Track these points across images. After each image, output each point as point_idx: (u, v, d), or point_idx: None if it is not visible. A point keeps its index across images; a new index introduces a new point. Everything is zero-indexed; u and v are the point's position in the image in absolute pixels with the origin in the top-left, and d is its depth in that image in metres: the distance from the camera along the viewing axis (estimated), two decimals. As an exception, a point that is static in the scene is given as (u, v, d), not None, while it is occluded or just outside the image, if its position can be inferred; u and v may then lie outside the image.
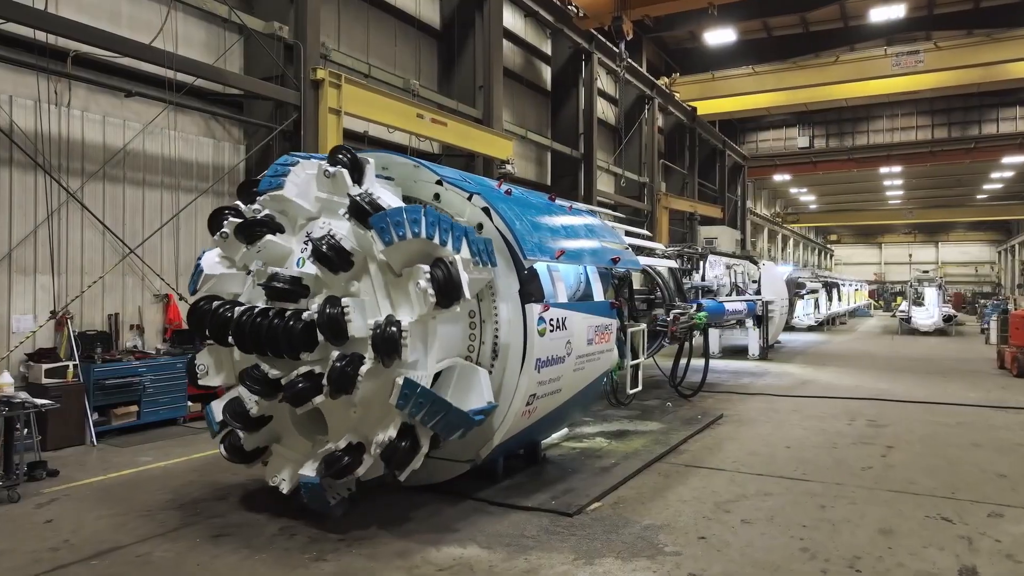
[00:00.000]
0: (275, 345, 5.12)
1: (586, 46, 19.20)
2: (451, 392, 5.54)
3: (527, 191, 7.26)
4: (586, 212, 8.05)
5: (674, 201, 25.33)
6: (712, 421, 9.55)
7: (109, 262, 8.93)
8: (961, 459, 7.65)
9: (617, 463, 7.21)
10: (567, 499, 6.00)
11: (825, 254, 69.85)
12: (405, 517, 5.63)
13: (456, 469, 6.05)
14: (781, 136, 37.62)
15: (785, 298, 16.45)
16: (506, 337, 5.75)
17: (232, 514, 5.72)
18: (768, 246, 45.47)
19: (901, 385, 13.22)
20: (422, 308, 4.93)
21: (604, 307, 6.86)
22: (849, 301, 37.69)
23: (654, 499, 6.17)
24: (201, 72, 9.24)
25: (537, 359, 5.68)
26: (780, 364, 16.60)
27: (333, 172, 5.31)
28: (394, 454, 5.05)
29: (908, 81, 24.90)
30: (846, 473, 7.06)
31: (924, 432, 9.06)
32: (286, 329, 5.06)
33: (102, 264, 8.87)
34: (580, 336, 6.33)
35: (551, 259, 6.02)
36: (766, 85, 25.99)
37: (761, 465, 7.34)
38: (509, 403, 5.70)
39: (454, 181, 5.74)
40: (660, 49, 28.13)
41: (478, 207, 5.87)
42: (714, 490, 6.45)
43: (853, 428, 9.31)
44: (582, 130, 19.62)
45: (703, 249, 14.11)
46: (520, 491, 6.22)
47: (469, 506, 5.90)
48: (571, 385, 6.39)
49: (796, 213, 51.90)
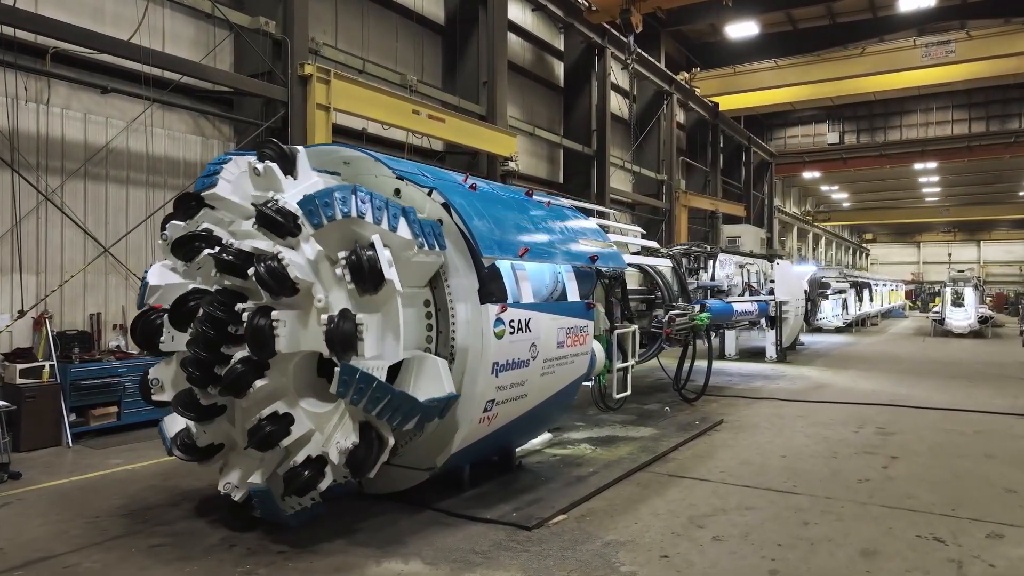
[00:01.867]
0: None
1: (598, 41, 18.79)
2: (412, 385, 5.25)
3: (501, 186, 6.95)
4: (570, 209, 7.70)
5: (694, 199, 24.74)
6: (709, 427, 9.12)
7: (90, 261, 8.85)
8: (970, 472, 7.13)
9: (596, 472, 6.85)
10: (530, 511, 5.67)
11: (860, 253, 68.13)
12: (356, 527, 5.36)
13: (416, 477, 5.77)
14: (810, 132, 36.66)
15: (801, 298, 15.83)
16: (464, 339, 5.44)
17: (180, 522, 5.51)
18: (798, 245, 44.39)
19: (922, 390, 12.58)
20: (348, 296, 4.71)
21: (578, 308, 6.50)
22: (882, 301, 36.58)
23: (625, 512, 5.81)
24: (181, 68, 9.12)
25: (494, 363, 5.36)
26: (798, 367, 15.99)
27: (262, 169, 5.05)
28: (356, 458, 4.76)
29: (939, 73, 23.93)
30: (840, 486, 6.60)
31: (935, 441, 8.51)
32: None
33: (83, 263, 8.79)
34: (548, 338, 5.99)
35: (514, 257, 5.70)
36: (789, 79, 25.21)
37: (750, 476, 6.92)
38: (467, 409, 5.39)
39: (409, 175, 5.45)
40: (681, 44, 27.53)
41: (438, 203, 5.58)
42: (692, 503, 6.06)
43: (859, 436, 8.80)
44: (595, 126, 19.20)
45: (712, 248, 13.62)
46: (484, 501, 5.92)
47: (427, 517, 5.61)
48: (539, 390, 6.06)
49: (828, 211, 50.61)
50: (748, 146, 32.41)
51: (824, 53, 24.44)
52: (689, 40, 27.96)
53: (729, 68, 25.95)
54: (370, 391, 4.57)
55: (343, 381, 4.54)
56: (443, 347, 5.49)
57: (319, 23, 12.26)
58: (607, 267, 7.37)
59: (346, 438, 4.67)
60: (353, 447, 4.71)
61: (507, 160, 14.08)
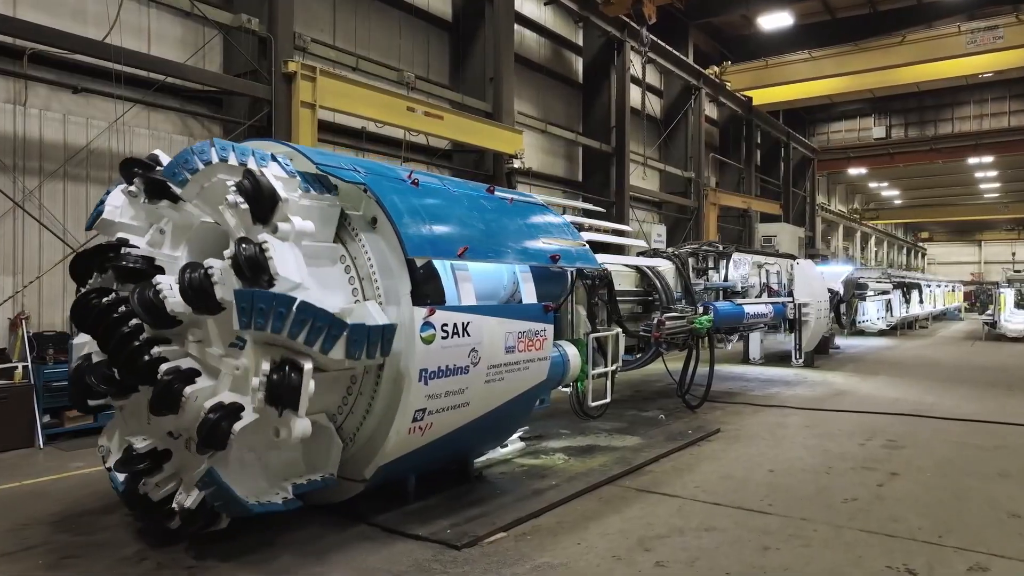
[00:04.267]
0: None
1: (617, 35, 18.26)
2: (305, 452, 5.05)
3: (457, 182, 6.60)
4: (543, 207, 7.29)
5: (724, 197, 23.92)
6: (701, 437, 8.59)
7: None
8: (974, 492, 6.46)
9: (557, 485, 6.44)
10: (468, 527, 5.30)
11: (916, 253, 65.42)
12: (279, 541, 5.08)
13: (352, 488, 5.46)
14: (854, 127, 35.21)
15: (824, 300, 14.98)
16: (394, 345, 5.11)
17: (104, 531, 5.33)
18: (844, 244, 42.72)
19: (951, 399, 11.72)
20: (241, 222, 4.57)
21: (533, 311, 6.11)
22: (935, 303, 34.87)
23: (573, 530, 5.39)
24: (160, 68, 9.05)
25: (423, 369, 5.02)
26: (823, 372, 15.19)
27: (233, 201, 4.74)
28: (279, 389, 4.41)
29: (987, 60, 22.51)
30: (821, 506, 6.04)
31: (946, 456, 7.81)
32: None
33: (62, 264, 8.78)
34: (494, 343, 5.61)
35: (451, 257, 5.34)
36: (825, 71, 24.08)
37: (726, 492, 6.40)
38: (392, 419, 5.07)
39: (332, 169, 5.14)
40: (712, 37, 26.68)
41: (372, 199, 5.27)
42: (650, 522, 5.60)
43: (864, 449, 8.14)
44: (614, 123, 18.67)
45: (726, 247, 12.98)
46: (424, 515, 5.58)
47: (358, 531, 5.31)
48: (484, 398, 5.68)
49: (876, 209, 48.58)
50: (787, 142, 31.28)
51: (862, 43, 23.26)
52: (722, 33, 27.08)
53: (761, 61, 24.96)
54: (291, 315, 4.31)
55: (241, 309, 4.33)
56: (373, 354, 5.18)
57: (316, 22, 12.14)
58: (574, 267, 6.95)
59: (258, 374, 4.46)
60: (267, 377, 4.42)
61: (512, 158, 13.71)
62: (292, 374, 4.41)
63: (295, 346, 4.45)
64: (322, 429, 5.04)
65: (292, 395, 4.40)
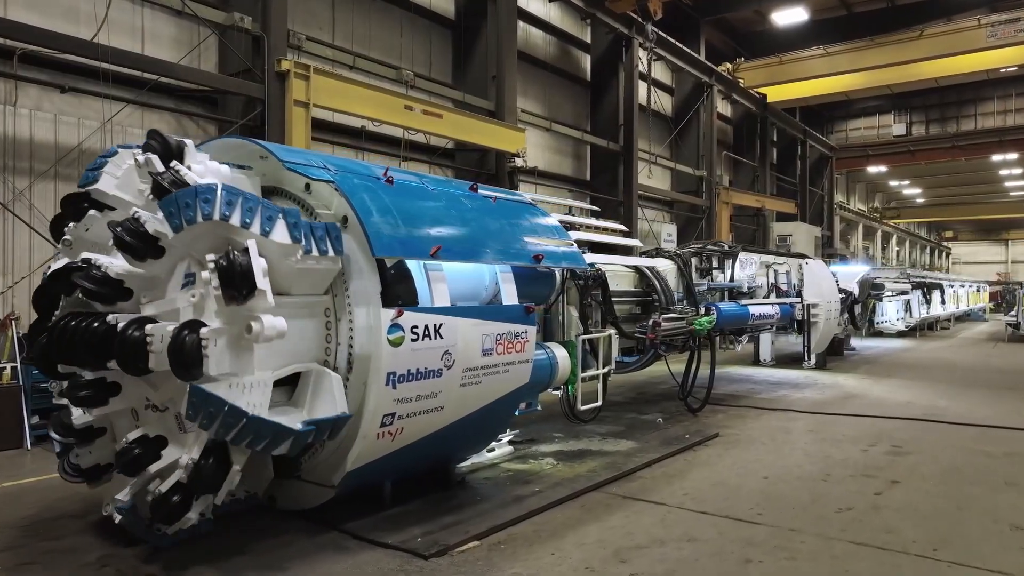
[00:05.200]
0: None
1: (625, 31, 18.01)
2: (308, 401, 4.83)
3: (437, 180, 6.44)
4: (528, 204, 7.11)
5: (736, 196, 23.54)
6: (698, 442, 8.35)
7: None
8: (977, 502, 6.17)
9: (541, 491, 6.26)
10: (440, 536, 5.14)
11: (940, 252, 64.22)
12: (246, 549, 4.96)
13: (324, 494, 5.33)
14: (874, 124, 34.52)
15: (834, 301, 14.62)
16: (363, 347, 4.97)
17: (72, 536, 5.24)
18: (864, 244, 41.97)
19: (964, 403, 11.35)
20: (213, 305, 4.23)
21: (513, 312, 5.93)
22: (958, 304, 34.11)
23: (549, 540, 5.21)
24: (152, 67, 9.00)
25: (390, 373, 4.86)
26: (835, 375, 14.82)
27: (143, 160, 4.72)
28: (199, 476, 4.38)
29: (1009, 54, 21.87)
30: (813, 516, 5.79)
31: (952, 463, 7.51)
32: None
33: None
34: (469, 346, 5.44)
35: (423, 257, 5.19)
36: (840, 66, 23.58)
37: (715, 500, 6.18)
38: (358, 424, 4.92)
39: (299, 167, 5.01)
40: (726, 33, 26.28)
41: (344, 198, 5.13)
42: (630, 531, 5.40)
43: (866, 455, 7.86)
44: (622, 121, 18.42)
45: (731, 246, 12.70)
46: (399, 522, 5.43)
47: (328, 539, 5.16)
48: (460, 402, 5.52)
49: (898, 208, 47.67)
50: (804, 140, 30.78)
51: (878, 38, 22.74)
52: (735, 30, 26.67)
53: (775, 57, 24.51)
54: (222, 416, 4.13)
55: (191, 404, 4.13)
56: (342, 356, 5.04)
57: (315, 20, 12.07)
58: (560, 267, 6.77)
59: (188, 453, 4.28)
60: (193, 464, 4.29)
61: (514, 156, 13.53)
62: (241, 258, 4.18)
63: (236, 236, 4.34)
64: (317, 374, 4.85)
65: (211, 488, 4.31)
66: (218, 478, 4.41)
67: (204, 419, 4.13)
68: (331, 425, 4.71)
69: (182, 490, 4.43)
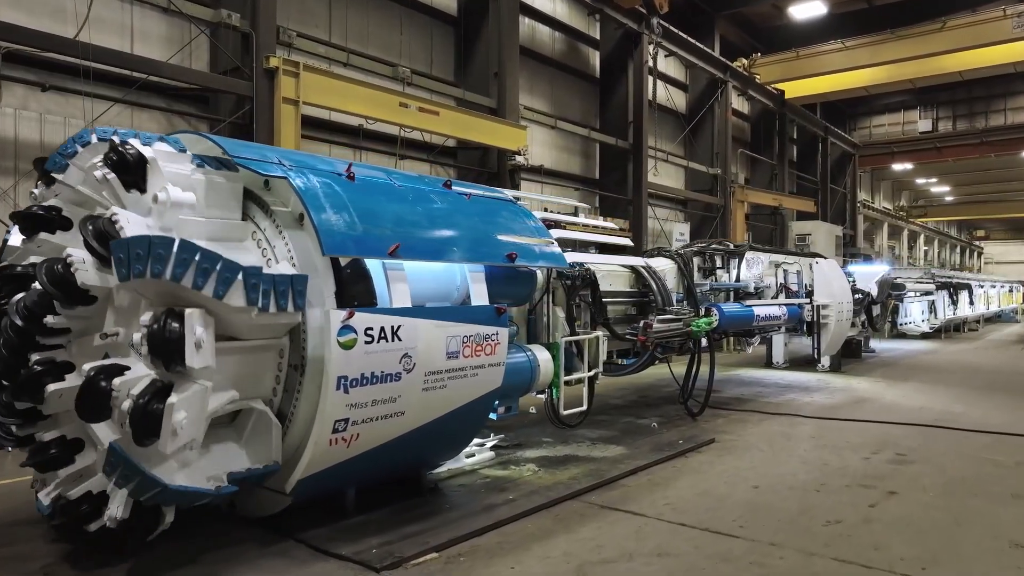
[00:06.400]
0: None
1: (634, 27, 17.67)
2: (243, 441, 4.73)
3: (407, 175, 6.21)
4: (507, 202, 6.87)
5: (752, 194, 23.03)
6: (691, 448, 8.03)
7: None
8: (978, 516, 5.79)
9: (515, 500, 6.01)
10: (397, 547, 4.92)
11: (971, 252, 62.63)
12: (196, 558, 4.78)
13: (282, 501, 5.14)
14: (898, 120, 33.69)
15: (847, 301, 14.12)
16: (316, 350, 4.77)
17: (24, 543, 5.10)
18: (890, 243, 40.97)
19: (981, 408, 10.86)
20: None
21: (482, 313, 5.68)
22: (987, 304, 33.13)
23: (512, 552, 4.96)
24: (135, 65, 8.93)
25: (342, 377, 4.65)
26: (849, 378, 14.34)
27: (99, 177, 4.48)
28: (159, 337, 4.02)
29: (1038, 45, 21.09)
30: (798, 529, 5.47)
31: (958, 473, 7.11)
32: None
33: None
34: (431, 348, 5.21)
35: (380, 256, 4.97)
36: (859, 60, 22.92)
37: (697, 511, 5.88)
38: (307, 431, 4.72)
39: (248, 162, 4.81)
40: (742, 28, 25.74)
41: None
42: (601, 544, 5.13)
43: (867, 464, 7.49)
44: (631, 118, 18.08)
45: (737, 245, 12.33)
46: (359, 531, 5.21)
47: (281, 548, 4.97)
48: (423, 408, 5.29)
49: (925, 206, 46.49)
50: (824, 137, 30.09)
51: (898, 30, 22.07)
52: (752, 24, 26.12)
53: (791, 52, 23.92)
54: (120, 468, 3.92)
55: (108, 463, 3.96)
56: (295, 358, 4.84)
57: (312, 18, 11.95)
58: (536, 266, 6.52)
59: (118, 508, 4.12)
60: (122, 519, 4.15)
61: (515, 154, 13.28)
62: (171, 322, 3.97)
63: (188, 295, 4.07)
64: (259, 414, 4.70)
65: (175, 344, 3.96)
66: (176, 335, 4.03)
67: (120, 479, 3.97)
68: (259, 477, 4.53)
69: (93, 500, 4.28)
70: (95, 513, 4.27)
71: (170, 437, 3.94)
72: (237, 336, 4.45)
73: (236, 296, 4.15)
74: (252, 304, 4.20)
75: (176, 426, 3.93)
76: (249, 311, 4.22)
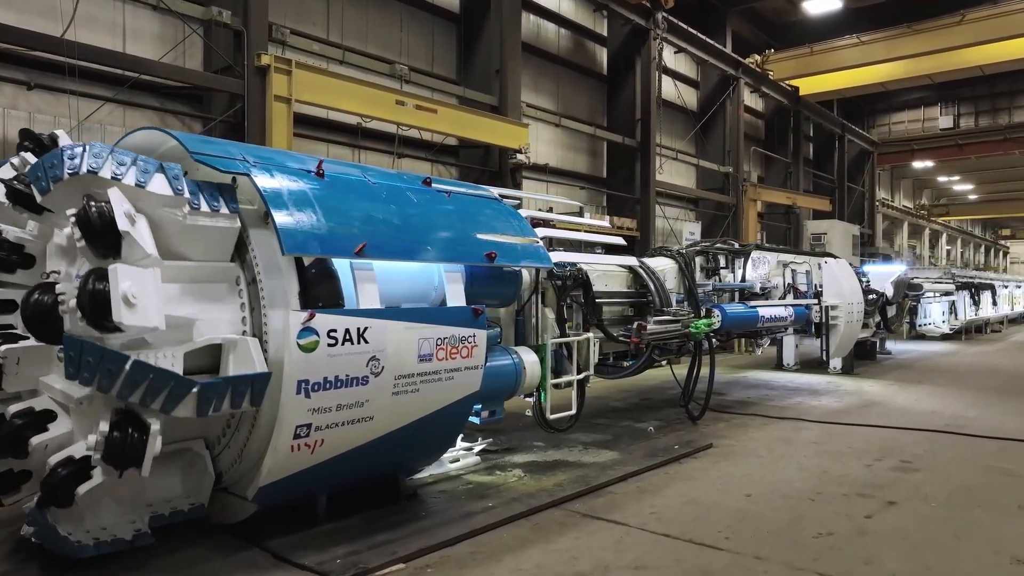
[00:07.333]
0: None
1: (642, 23, 17.36)
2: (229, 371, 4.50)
3: (382, 172, 6.04)
4: (491, 199, 6.67)
5: (765, 193, 22.61)
6: (686, 453, 7.77)
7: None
8: (980, 529, 5.50)
9: (494, 507, 5.81)
10: (364, 556, 4.74)
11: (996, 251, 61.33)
12: (150, 565, 4.64)
13: (245, 508, 4.99)
14: (918, 117, 32.94)
15: (857, 302, 13.73)
16: (277, 353, 4.61)
17: (-14, 550, 5.01)
18: (910, 243, 40.17)
19: (995, 413, 10.48)
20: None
21: (458, 314, 5.49)
22: (1012, 305, 32.36)
23: (484, 563, 4.77)
24: (124, 64, 8.84)
25: (302, 381, 4.48)
26: (861, 380, 13.95)
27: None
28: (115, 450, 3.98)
29: (1062, 38, 20.45)
30: (787, 541, 5.22)
31: (963, 483, 6.79)
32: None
33: (28, 265, 8.66)
34: (402, 351, 5.03)
35: (346, 255, 4.80)
36: (875, 55, 22.39)
37: (683, 521, 5.64)
38: (268, 436, 4.56)
39: (207, 158, 4.65)
40: (755, 24, 25.29)
41: (262, 192, 4.77)
42: (576, 556, 4.92)
43: (869, 471, 7.19)
44: (639, 116, 17.80)
45: (743, 244, 12.03)
46: (327, 540, 5.04)
47: (245, 557, 4.81)
48: (394, 412, 5.11)
49: (947, 205, 45.54)
50: (841, 134, 29.54)
51: (915, 24, 21.52)
52: (766, 20, 25.66)
53: (805, 47, 23.44)
54: (123, 374, 3.83)
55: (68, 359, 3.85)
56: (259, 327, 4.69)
57: (308, 15, 11.84)
58: (519, 265, 6.32)
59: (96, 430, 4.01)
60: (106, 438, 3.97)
61: (516, 152, 13.08)
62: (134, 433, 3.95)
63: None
64: (195, 457, 4.59)
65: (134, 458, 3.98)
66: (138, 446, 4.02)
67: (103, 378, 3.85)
68: (249, 383, 4.30)
69: (75, 463, 4.14)
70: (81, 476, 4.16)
71: None
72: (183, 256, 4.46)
73: (160, 184, 4.21)
74: (178, 192, 4.25)
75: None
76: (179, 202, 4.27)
